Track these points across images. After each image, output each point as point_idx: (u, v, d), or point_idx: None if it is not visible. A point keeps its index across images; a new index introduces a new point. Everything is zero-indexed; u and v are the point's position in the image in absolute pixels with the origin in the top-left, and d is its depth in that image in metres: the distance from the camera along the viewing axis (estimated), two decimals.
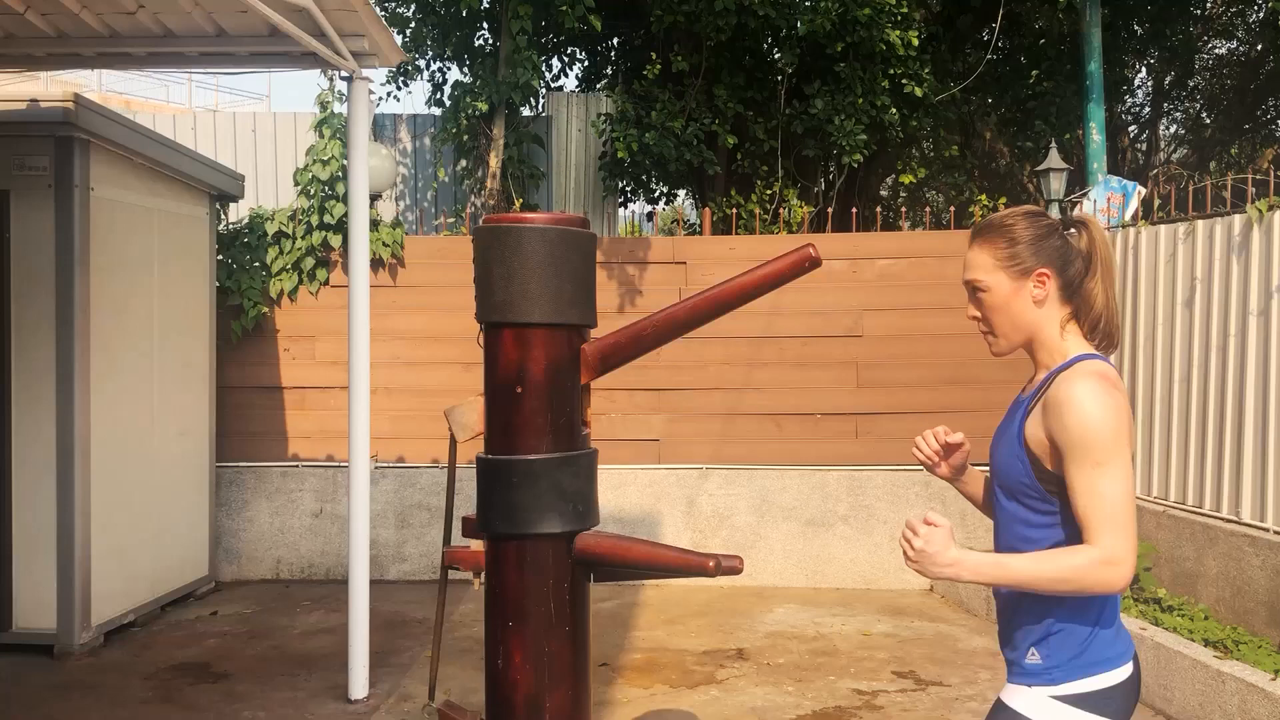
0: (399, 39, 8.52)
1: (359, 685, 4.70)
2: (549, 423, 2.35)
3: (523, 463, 2.33)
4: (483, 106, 7.77)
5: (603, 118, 8.65)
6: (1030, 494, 1.96)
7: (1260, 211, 5.09)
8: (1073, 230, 2.02)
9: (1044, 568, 1.86)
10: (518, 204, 8.10)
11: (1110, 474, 1.83)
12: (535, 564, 2.35)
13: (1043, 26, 10.61)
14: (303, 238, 6.86)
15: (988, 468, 2.10)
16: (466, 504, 6.60)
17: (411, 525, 6.92)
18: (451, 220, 8.59)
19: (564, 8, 7.66)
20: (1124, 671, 1.97)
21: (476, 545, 2.50)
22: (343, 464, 6.83)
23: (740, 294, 2.32)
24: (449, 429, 2.52)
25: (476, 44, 8.70)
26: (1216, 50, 13.88)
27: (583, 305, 2.40)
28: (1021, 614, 2.00)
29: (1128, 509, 1.84)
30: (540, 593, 2.34)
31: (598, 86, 10.41)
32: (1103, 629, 1.96)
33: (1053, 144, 7.54)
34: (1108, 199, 6.63)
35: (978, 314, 2.06)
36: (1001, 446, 2.02)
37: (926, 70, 8.50)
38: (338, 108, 6.98)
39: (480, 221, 2.44)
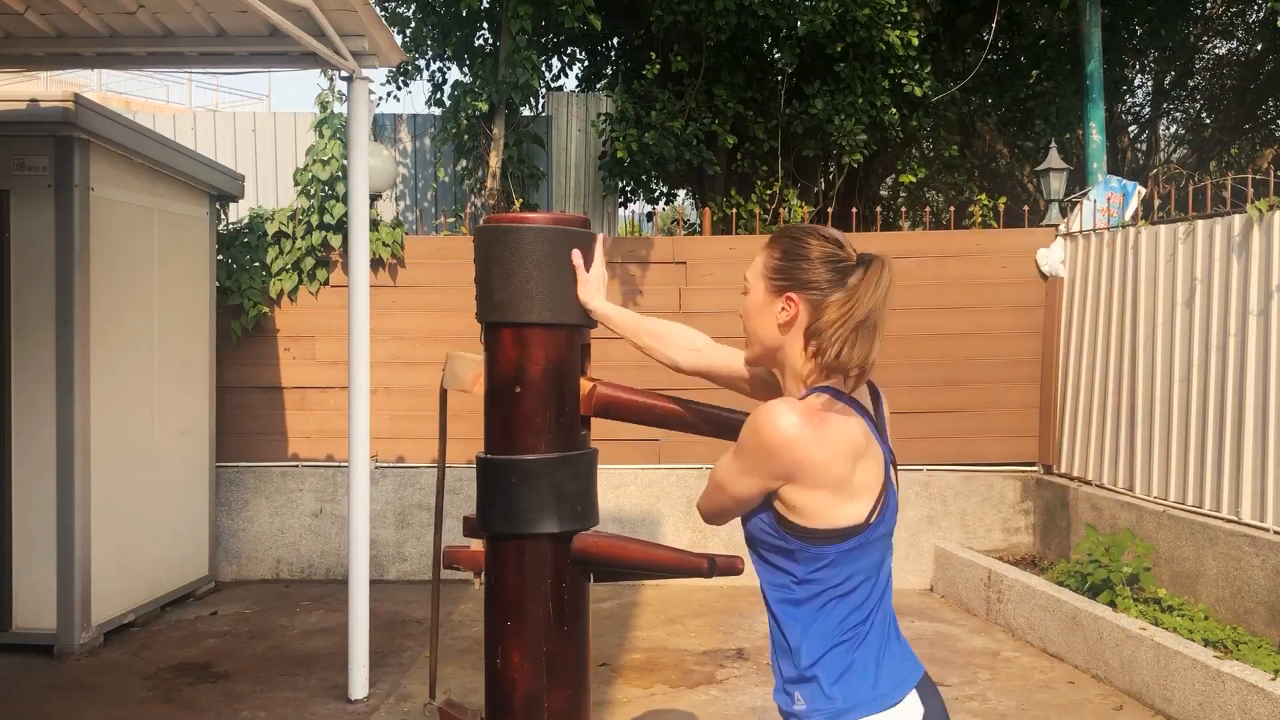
0: (399, 39, 8.52)
1: (359, 685, 4.70)
2: (547, 422, 2.35)
3: (522, 463, 2.34)
4: (483, 106, 7.77)
5: (603, 117, 8.65)
6: (770, 547, 1.86)
7: (1260, 211, 5.09)
8: (852, 264, 1.86)
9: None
10: (518, 204, 8.10)
11: (731, 464, 1.87)
12: (534, 564, 2.35)
13: (1043, 26, 10.61)
14: (303, 238, 6.86)
15: None
16: (464, 504, 6.60)
17: (411, 525, 6.92)
18: (451, 220, 8.59)
19: (564, 7, 7.66)
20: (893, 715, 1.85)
21: (476, 545, 2.51)
22: (343, 464, 6.83)
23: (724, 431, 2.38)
24: (441, 373, 2.54)
25: (476, 44, 8.70)
26: (1216, 50, 13.88)
27: (582, 305, 2.41)
28: (779, 654, 1.91)
29: (717, 492, 1.91)
30: (539, 592, 2.34)
31: (598, 86, 10.41)
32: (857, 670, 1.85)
33: (1053, 144, 7.54)
34: (1108, 199, 6.63)
35: (741, 312, 1.99)
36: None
37: (926, 70, 8.50)
38: (338, 108, 6.98)
39: (481, 221, 2.47)
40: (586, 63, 10.76)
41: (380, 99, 9.23)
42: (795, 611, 1.87)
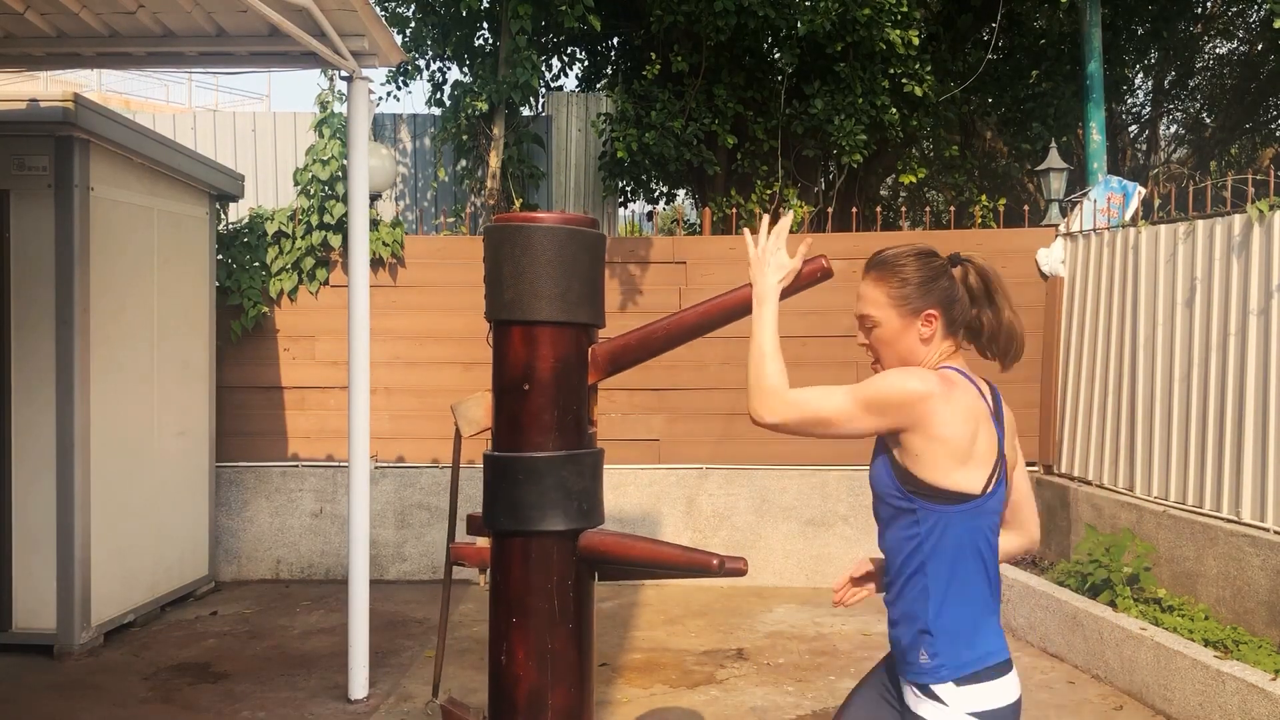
0: (399, 39, 8.52)
1: (359, 685, 4.70)
2: (555, 420, 2.36)
3: (528, 460, 2.34)
4: (483, 106, 7.77)
5: (602, 117, 8.65)
6: (896, 510, 2.09)
7: (1260, 211, 5.09)
8: (959, 268, 2.17)
9: (768, 353, 2.13)
10: (518, 204, 8.10)
11: (846, 390, 2.05)
12: (539, 561, 2.35)
13: (1042, 26, 10.61)
14: (303, 238, 6.86)
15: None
16: (469, 503, 6.60)
17: (411, 525, 6.92)
18: (451, 220, 8.59)
19: (564, 8, 7.66)
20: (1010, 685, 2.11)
21: (482, 542, 2.51)
22: (343, 464, 6.83)
23: (749, 303, 2.34)
24: (455, 423, 2.53)
25: (476, 44, 8.69)
26: (1217, 50, 13.88)
27: (591, 305, 2.41)
28: (906, 613, 2.13)
29: (814, 406, 2.06)
30: (544, 590, 2.35)
31: (598, 86, 10.41)
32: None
33: (1053, 144, 7.53)
34: (1108, 199, 6.63)
35: (866, 343, 2.19)
36: (875, 464, 2.17)
37: (927, 70, 8.50)
38: (338, 108, 6.98)
39: (489, 220, 2.47)
40: (586, 63, 10.75)
41: (380, 99, 9.23)
42: (924, 569, 2.06)
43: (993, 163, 12.08)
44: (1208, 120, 13.93)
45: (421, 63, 8.91)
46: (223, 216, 6.97)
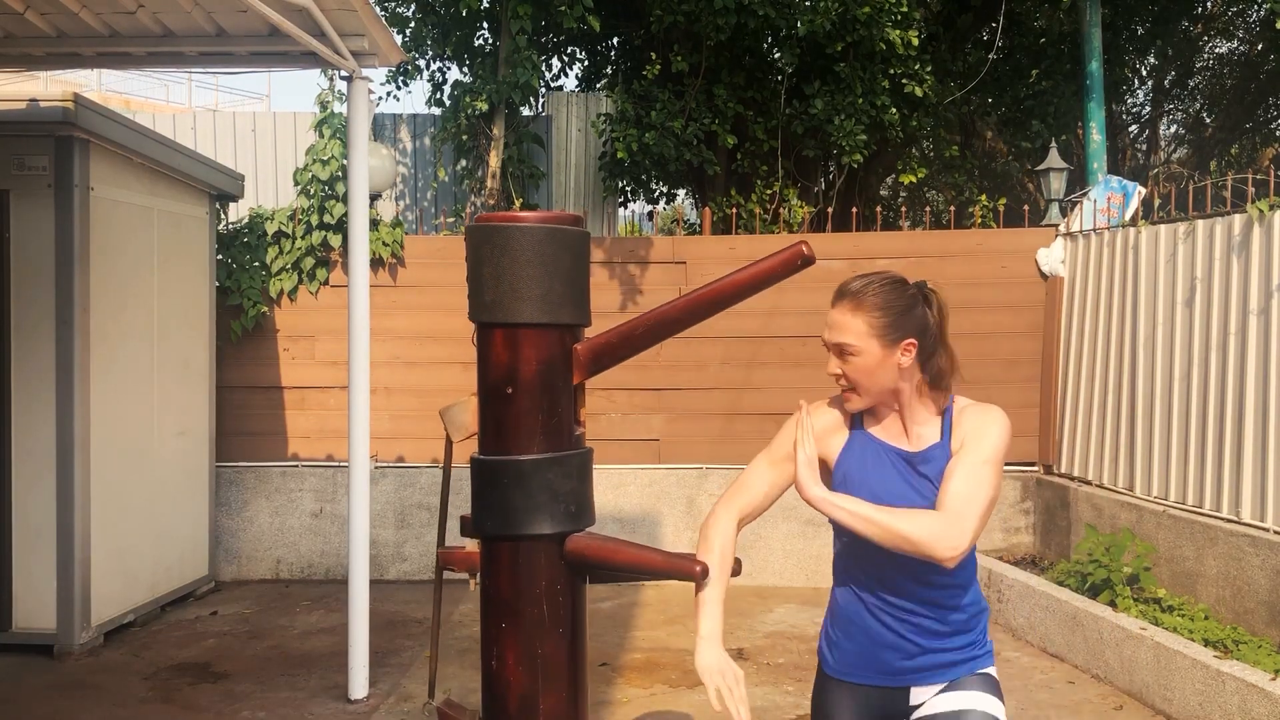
0: (399, 39, 8.52)
1: (359, 685, 4.70)
2: (540, 423, 2.33)
3: (514, 463, 2.32)
4: (483, 106, 7.77)
5: (602, 118, 8.65)
6: None
7: (1260, 211, 5.09)
8: (924, 299, 2.15)
9: (885, 513, 2.02)
10: (518, 204, 8.10)
11: (975, 464, 2.05)
12: (528, 565, 2.33)
13: (1042, 26, 10.60)
14: (303, 237, 6.86)
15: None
16: (464, 504, 6.59)
17: (411, 525, 6.92)
18: (451, 220, 8.59)
19: (563, 8, 7.66)
20: None
21: (472, 545, 2.50)
22: (343, 464, 6.83)
23: (732, 292, 2.31)
24: (444, 429, 2.52)
25: (476, 44, 8.69)
26: (1217, 50, 13.87)
27: (574, 304, 2.37)
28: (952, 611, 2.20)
29: (977, 504, 2.02)
30: (533, 594, 2.33)
31: (598, 86, 10.40)
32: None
33: (1053, 143, 7.53)
34: (1108, 199, 6.63)
35: (840, 372, 2.15)
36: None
37: (927, 70, 8.49)
38: (338, 107, 6.98)
39: (471, 221, 2.44)
40: (586, 63, 10.75)
41: (380, 99, 9.22)
42: (978, 563, 2.22)
43: (993, 163, 12.08)
44: (1208, 120, 13.92)
45: (421, 63, 8.91)
46: (223, 216, 6.97)
